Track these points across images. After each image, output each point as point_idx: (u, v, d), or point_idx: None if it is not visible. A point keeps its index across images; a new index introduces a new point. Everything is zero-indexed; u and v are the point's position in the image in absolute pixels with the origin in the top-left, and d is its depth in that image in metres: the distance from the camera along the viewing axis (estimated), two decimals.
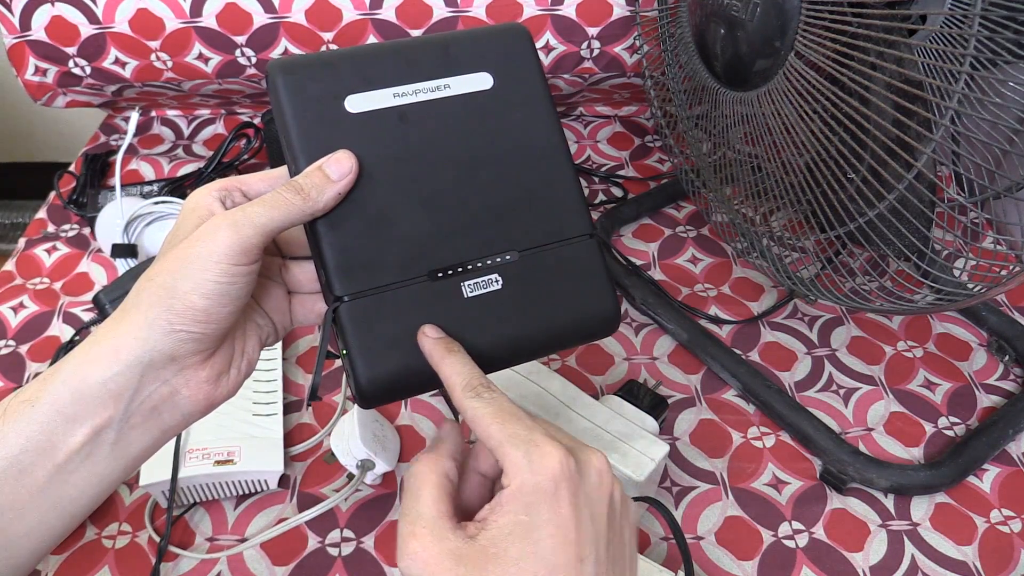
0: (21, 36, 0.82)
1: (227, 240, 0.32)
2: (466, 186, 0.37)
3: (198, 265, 0.32)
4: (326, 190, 0.34)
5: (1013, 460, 0.60)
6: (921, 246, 0.53)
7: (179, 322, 0.32)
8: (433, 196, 0.37)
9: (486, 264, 0.37)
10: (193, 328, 0.33)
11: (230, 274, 0.33)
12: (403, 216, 0.36)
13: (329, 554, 0.53)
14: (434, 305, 0.36)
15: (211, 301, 0.32)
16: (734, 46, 0.60)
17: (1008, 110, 0.48)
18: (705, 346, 0.66)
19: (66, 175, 0.85)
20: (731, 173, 0.68)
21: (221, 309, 0.33)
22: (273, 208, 0.33)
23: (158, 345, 0.32)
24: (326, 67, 0.36)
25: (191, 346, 0.33)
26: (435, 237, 0.36)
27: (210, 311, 0.33)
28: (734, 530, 0.55)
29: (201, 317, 0.33)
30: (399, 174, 0.36)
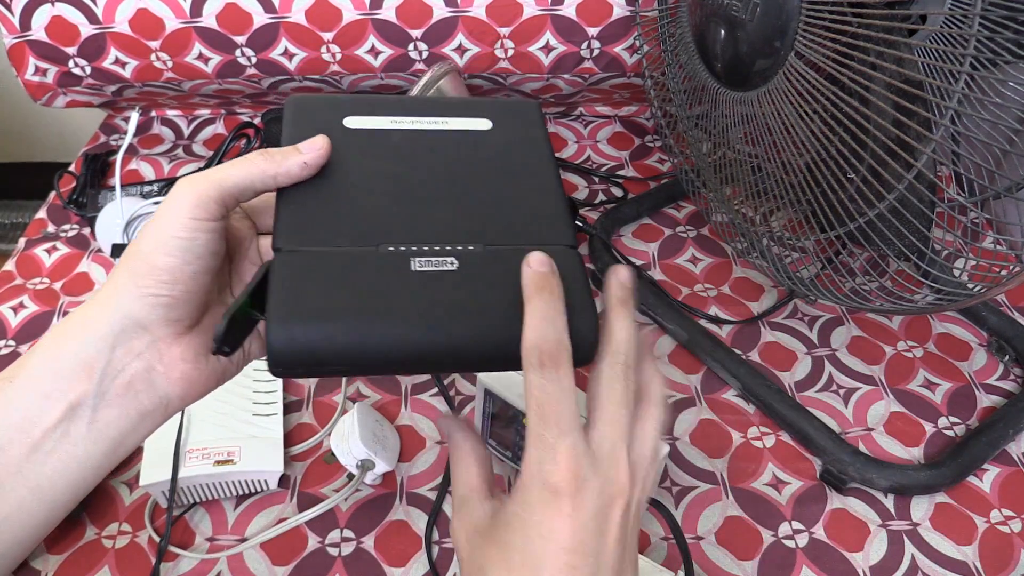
0: (21, 36, 0.82)
1: (183, 195, 0.33)
2: (445, 191, 0.36)
3: (158, 224, 0.33)
4: (291, 157, 0.34)
5: (1013, 460, 0.60)
6: (921, 246, 0.53)
7: (144, 283, 0.33)
8: (408, 192, 0.36)
9: (443, 248, 0.34)
10: (159, 290, 0.33)
11: (189, 228, 0.33)
12: (371, 199, 0.35)
13: (329, 554, 0.53)
14: (376, 274, 0.32)
15: (173, 258, 0.33)
16: (734, 46, 0.60)
17: (1008, 110, 0.48)
18: (705, 346, 0.66)
19: (66, 175, 0.85)
20: (731, 173, 0.68)
21: (184, 267, 0.33)
22: (233, 167, 0.34)
23: (125, 309, 0.33)
24: (334, 100, 0.40)
25: (160, 311, 0.33)
26: (398, 219, 0.35)
27: (173, 270, 0.33)
28: (734, 530, 0.55)
29: (165, 277, 0.33)
30: (379, 171, 0.37)
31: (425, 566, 0.53)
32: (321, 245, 0.33)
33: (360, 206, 0.35)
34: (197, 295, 0.34)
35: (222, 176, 0.34)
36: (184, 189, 0.33)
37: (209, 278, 0.35)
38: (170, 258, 0.33)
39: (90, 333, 0.33)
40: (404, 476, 0.58)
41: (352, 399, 0.64)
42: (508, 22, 0.82)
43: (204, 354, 0.35)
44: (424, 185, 0.36)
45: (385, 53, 0.84)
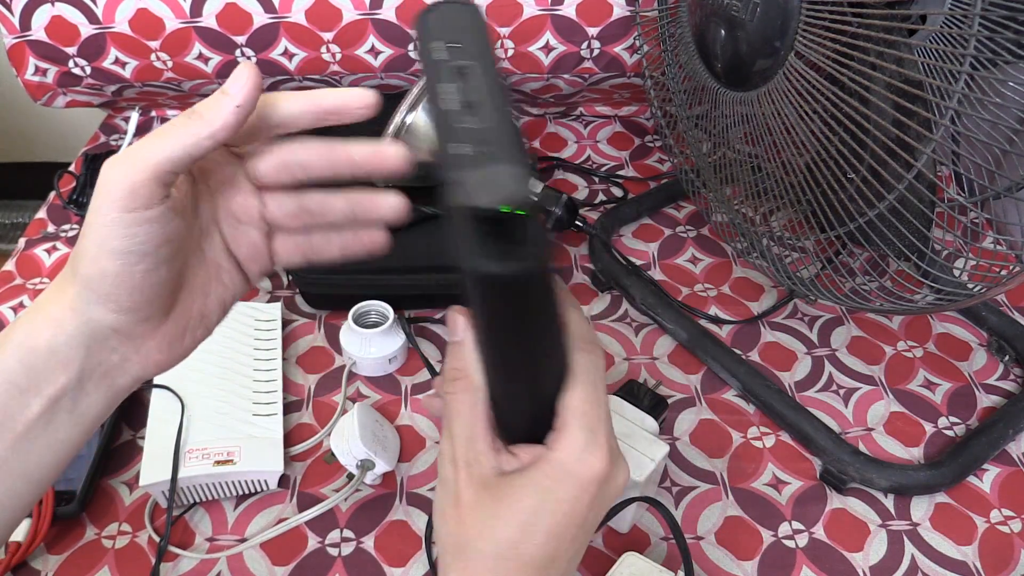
0: (21, 36, 0.82)
1: (110, 186, 0.29)
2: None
3: (90, 224, 0.29)
4: (220, 105, 0.30)
5: (1013, 460, 0.60)
6: (921, 246, 0.53)
7: (99, 289, 0.30)
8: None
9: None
10: (118, 297, 0.30)
11: (123, 225, 0.29)
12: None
13: (329, 554, 0.53)
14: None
15: (117, 263, 0.29)
16: (734, 46, 0.60)
17: (1008, 110, 0.48)
18: (705, 346, 0.66)
19: (66, 175, 0.85)
20: (731, 173, 0.68)
21: (132, 269, 0.30)
22: (162, 138, 0.29)
23: (95, 317, 0.31)
24: None
25: (126, 316, 0.31)
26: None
27: (121, 275, 0.30)
28: (734, 530, 0.55)
29: (117, 283, 0.30)
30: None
31: (425, 566, 0.53)
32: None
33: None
34: (161, 288, 0.32)
35: (150, 152, 0.29)
36: (109, 177, 0.29)
37: (168, 266, 0.31)
38: (113, 263, 0.29)
39: (63, 333, 0.31)
40: (404, 476, 0.58)
41: (352, 399, 0.64)
42: (508, 22, 0.82)
43: (180, 337, 0.33)
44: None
45: (385, 53, 0.84)
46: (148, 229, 0.29)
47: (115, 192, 0.29)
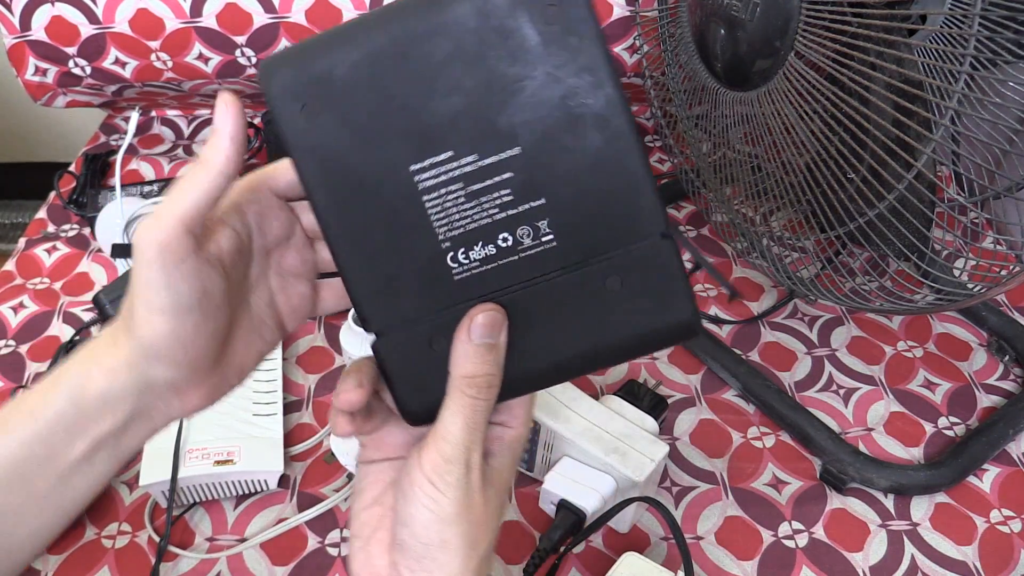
0: (21, 36, 0.82)
1: (147, 243, 0.30)
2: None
3: (137, 283, 0.31)
4: (216, 144, 0.31)
5: (1013, 460, 0.60)
6: (921, 246, 0.53)
7: (159, 352, 0.31)
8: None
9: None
10: (176, 355, 0.31)
11: (165, 280, 0.30)
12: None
13: (329, 554, 0.53)
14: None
15: (169, 318, 0.31)
16: (734, 46, 0.60)
17: (1008, 110, 0.48)
18: (705, 346, 0.66)
19: (66, 175, 0.85)
20: (731, 173, 0.68)
21: (183, 323, 0.31)
22: (181, 191, 0.31)
23: (151, 374, 0.32)
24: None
25: (183, 371, 0.32)
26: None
27: (174, 332, 0.31)
28: (734, 530, 0.55)
29: (170, 342, 0.31)
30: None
31: None
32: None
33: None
34: (212, 341, 0.33)
35: (174, 208, 0.30)
36: (142, 239, 0.30)
37: (216, 318, 0.32)
38: (163, 322, 0.31)
39: (115, 382, 0.32)
40: None
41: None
42: None
43: (219, 386, 0.35)
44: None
45: None
46: (188, 282, 0.31)
47: (149, 251, 0.30)
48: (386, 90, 0.30)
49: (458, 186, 0.31)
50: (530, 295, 0.32)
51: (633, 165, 0.30)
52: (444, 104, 0.30)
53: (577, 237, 0.31)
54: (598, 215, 0.31)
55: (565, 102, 0.30)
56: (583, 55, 0.29)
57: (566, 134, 0.30)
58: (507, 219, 0.31)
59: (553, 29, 0.29)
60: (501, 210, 0.31)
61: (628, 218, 0.31)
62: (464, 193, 0.31)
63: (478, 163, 0.30)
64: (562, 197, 0.31)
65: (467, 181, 0.31)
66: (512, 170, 0.30)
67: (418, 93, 0.30)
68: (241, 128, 0.31)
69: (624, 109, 0.30)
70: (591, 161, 0.30)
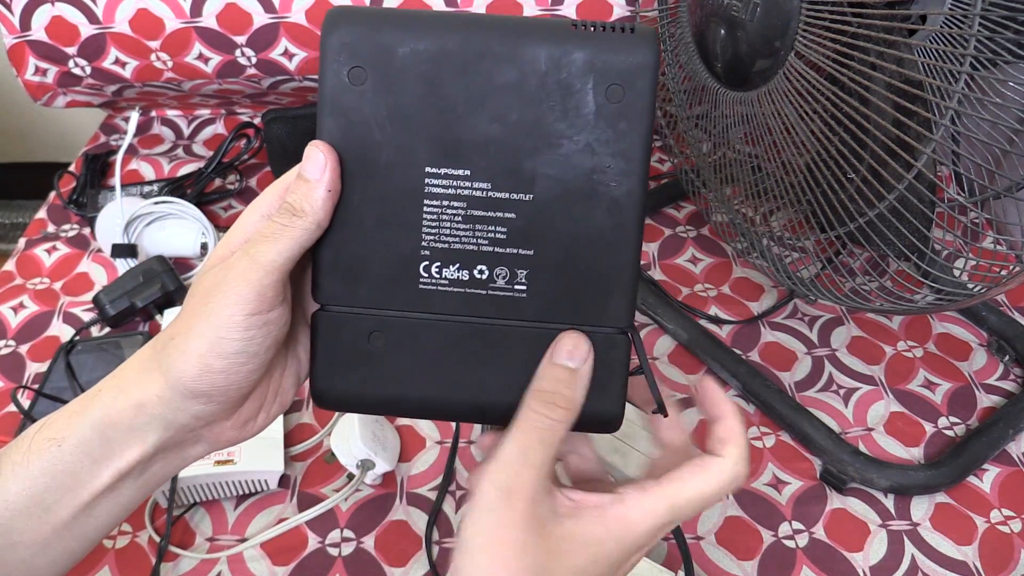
0: (21, 36, 0.82)
1: (243, 285, 0.30)
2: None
3: (210, 321, 0.30)
4: (313, 193, 0.30)
5: (1013, 460, 0.60)
6: (921, 246, 0.53)
7: (196, 387, 0.30)
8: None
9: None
10: (214, 394, 0.31)
11: (246, 326, 0.30)
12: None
13: (329, 554, 0.53)
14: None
15: (229, 361, 0.30)
16: (734, 46, 0.60)
17: (1008, 110, 0.48)
18: (705, 346, 0.66)
19: (66, 175, 0.85)
20: (731, 173, 0.68)
21: (240, 368, 0.31)
22: (277, 240, 0.30)
23: (181, 407, 0.31)
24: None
25: (214, 407, 0.32)
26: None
27: (229, 373, 0.30)
28: (734, 530, 0.55)
29: (220, 381, 0.31)
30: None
31: (425, 566, 0.53)
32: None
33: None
34: (253, 385, 0.32)
35: (274, 255, 0.30)
36: (236, 280, 0.30)
37: (267, 366, 0.32)
38: (222, 363, 0.30)
39: (144, 415, 0.31)
40: (404, 476, 0.58)
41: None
42: None
43: (254, 416, 0.34)
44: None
45: None
46: (266, 331, 0.31)
47: (245, 294, 0.30)
48: (437, 88, 0.31)
49: (461, 204, 0.31)
50: (481, 331, 0.32)
51: (626, 258, 0.32)
52: (483, 126, 0.31)
53: (547, 298, 0.32)
54: (575, 287, 0.32)
55: (592, 175, 0.31)
56: (626, 142, 0.31)
57: (580, 204, 0.31)
58: (492, 255, 0.32)
59: (611, 107, 0.31)
60: (490, 244, 0.32)
61: (600, 303, 0.32)
62: (464, 214, 0.32)
63: (488, 193, 0.31)
64: (550, 256, 0.32)
65: (471, 204, 0.31)
66: (516, 212, 0.31)
67: (465, 105, 0.31)
68: (338, 181, 0.31)
69: (640, 205, 0.31)
70: (591, 237, 0.32)
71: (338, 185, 0.31)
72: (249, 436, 0.34)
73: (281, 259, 0.30)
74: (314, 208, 0.30)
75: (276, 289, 0.30)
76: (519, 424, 0.31)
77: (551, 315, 0.32)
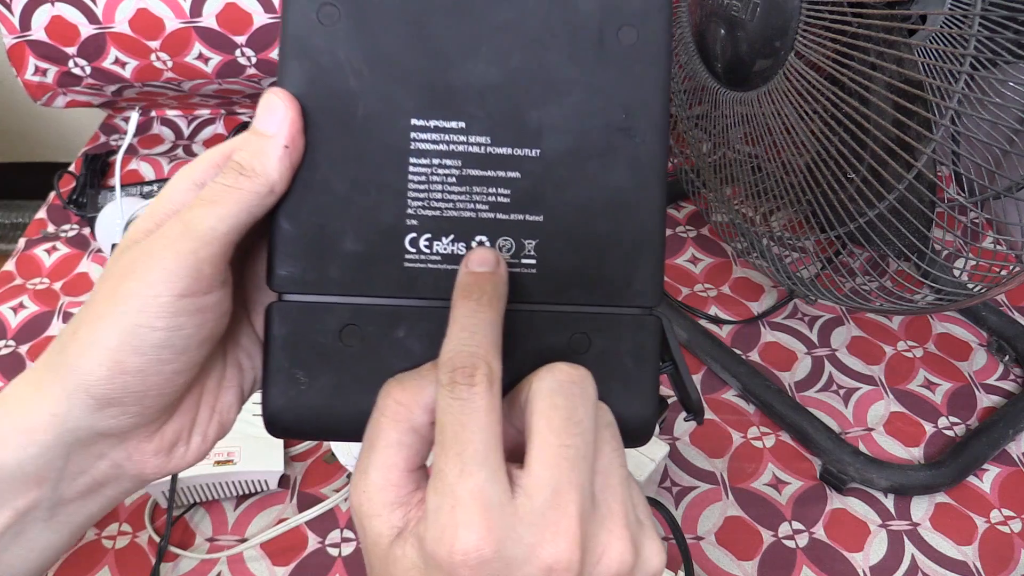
0: (21, 36, 0.82)
1: (172, 261, 0.23)
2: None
3: (130, 306, 0.23)
4: (266, 151, 0.24)
5: (1013, 460, 0.60)
6: (921, 246, 0.53)
7: (104, 394, 0.24)
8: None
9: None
10: (127, 401, 0.24)
11: (173, 311, 0.23)
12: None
13: (329, 554, 0.53)
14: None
15: (148, 358, 0.24)
16: (734, 46, 0.60)
17: (1008, 110, 0.48)
18: (705, 346, 0.66)
19: (66, 175, 0.85)
20: (731, 173, 0.68)
21: (162, 367, 0.24)
22: (217, 204, 0.24)
23: (82, 423, 0.25)
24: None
25: (127, 421, 0.25)
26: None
27: (147, 373, 0.24)
28: (734, 530, 0.55)
29: (135, 384, 0.24)
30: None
31: None
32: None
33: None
34: (178, 391, 0.26)
35: (214, 222, 0.24)
36: (163, 255, 0.23)
37: (198, 368, 0.26)
38: (138, 361, 0.24)
39: (34, 444, 0.25)
40: None
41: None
42: None
43: (185, 439, 0.27)
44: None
45: None
46: (199, 320, 0.24)
47: (174, 269, 0.23)
48: (424, 28, 0.26)
49: (455, 163, 0.26)
50: None
51: (651, 223, 0.27)
52: (479, 70, 0.26)
53: (561, 273, 0.27)
54: (593, 260, 0.27)
55: (607, 127, 0.26)
56: (643, 89, 0.26)
57: (595, 160, 0.26)
58: (493, 222, 0.26)
59: (624, 49, 0.26)
60: (491, 209, 0.26)
61: (624, 278, 0.27)
62: (458, 174, 0.26)
63: (488, 148, 0.26)
64: (563, 223, 0.26)
65: (467, 162, 0.26)
66: (522, 172, 0.26)
67: (457, 47, 0.26)
68: (299, 137, 0.25)
69: (663, 161, 0.27)
70: (610, 199, 0.26)
71: (299, 141, 0.25)
72: (182, 466, 0.27)
73: (223, 227, 0.24)
74: (266, 168, 0.24)
75: (215, 265, 0.24)
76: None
77: (566, 295, 0.27)
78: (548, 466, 0.22)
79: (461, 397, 0.22)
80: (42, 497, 0.26)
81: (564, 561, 0.22)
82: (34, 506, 0.26)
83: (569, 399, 0.23)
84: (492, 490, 0.22)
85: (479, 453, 0.22)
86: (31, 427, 0.25)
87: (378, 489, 0.23)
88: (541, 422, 0.23)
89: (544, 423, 0.23)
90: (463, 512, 0.21)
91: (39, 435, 0.25)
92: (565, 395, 0.23)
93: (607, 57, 0.26)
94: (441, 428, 0.22)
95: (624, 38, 0.26)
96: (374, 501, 0.24)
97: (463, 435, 0.22)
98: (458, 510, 0.21)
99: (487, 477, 0.22)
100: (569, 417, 0.23)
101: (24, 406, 0.25)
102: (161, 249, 0.24)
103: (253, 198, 0.24)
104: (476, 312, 0.24)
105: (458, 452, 0.22)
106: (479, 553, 0.21)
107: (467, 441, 0.22)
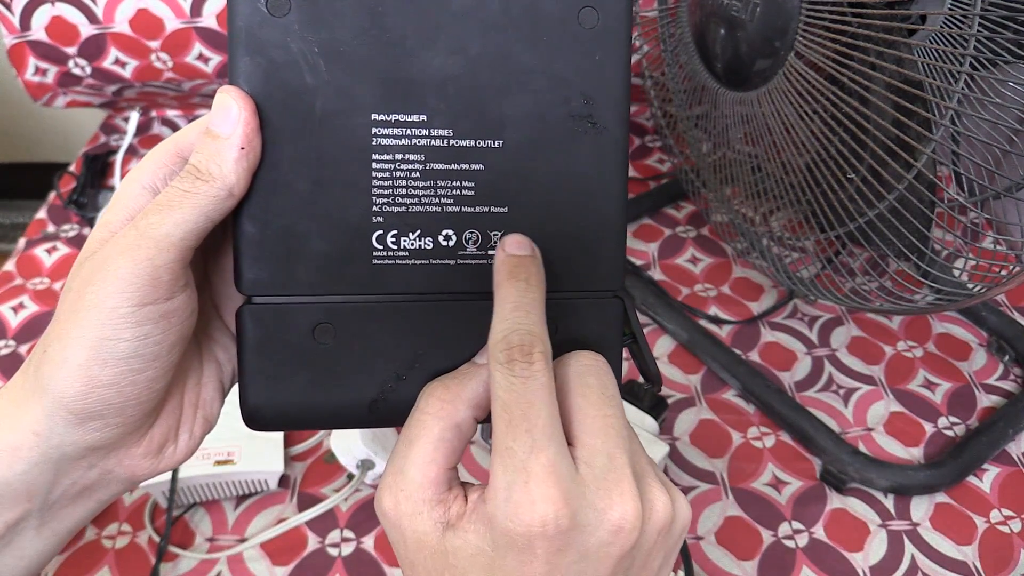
0: (21, 36, 0.82)
1: (128, 270, 0.23)
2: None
3: (93, 320, 0.23)
4: (222, 153, 0.24)
5: (1013, 460, 0.60)
6: (921, 246, 0.53)
7: (83, 408, 0.24)
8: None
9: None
10: (108, 414, 0.24)
11: (137, 321, 0.23)
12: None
13: (329, 554, 0.53)
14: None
15: (119, 370, 0.24)
16: (734, 46, 0.60)
17: (1008, 110, 0.48)
18: (705, 346, 0.66)
19: (66, 175, 0.85)
20: (731, 173, 0.68)
21: (136, 377, 0.24)
22: (175, 209, 0.24)
23: (66, 439, 0.25)
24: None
25: (112, 433, 0.25)
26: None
27: (122, 385, 0.24)
28: (734, 530, 0.55)
29: (112, 397, 0.24)
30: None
31: None
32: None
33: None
34: (158, 396, 0.26)
35: (170, 229, 0.23)
36: (120, 265, 0.23)
37: (173, 370, 0.26)
38: (110, 373, 0.24)
39: (21, 461, 0.25)
40: None
41: None
42: None
43: (172, 438, 0.28)
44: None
45: None
46: (165, 326, 0.24)
47: (132, 278, 0.23)
48: (381, 17, 0.25)
49: (417, 157, 0.26)
50: (453, 311, 0.27)
51: (612, 209, 0.27)
52: (438, 60, 0.26)
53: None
54: (557, 248, 0.27)
55: (569, 114, 0.27)
56: (604, 74, 0.26)
57: (557, 148, 0.27)
58: (459, 215, 0.27)
59: (585, 33, 0.26)
60: (456, 203, 0.27)
61: (588, 263, 0.28)
62: (422, 168, 0.26)
63: (450, 141, 0.26)
64: (527, 213, 0.27)
65: (430, 156, 0.26)
66: (485, 163, 0.26)
67: (415, 36, 0.25)
68: (256, 139, 0.25)
69: (623, 147, 0.27)
70: (572, 188, 0.27)
71: (256, 141, 0.24)
72: (173, 464, 0.28)
73: (180, 232, 0.24)
74: (224, 171, 0.24)
75: (174, 271, 0.24)
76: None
77: None
78: (597, 435, 0.24)
79: (523, 375, 0.23)
80: (32, 509, 0.26)
81: (631, 519, 0.23)
82: (24, 518, 0.26)
83: (598, 377, 0.26)
84: (562, 463, 0.23)
85: (548, 428, 0.23)
86: (16, 446, 0.25)
87: (417, 486, 0.25)
88: (579, 400, 0.25)
89: (582, 400, 0.25)
90: (538, 486, 0.22)
91: (24, 453, 0.25)
92: (593, 374, 0.26)
93: (567, 41, 0.26)
94: (505, 407, 0.23)
95: (585, 20, 0.26)
96: (414, 499, 0.25)
97: (531, 412, 0.23)
98: (532, 484, 0.22)
99: (556, 451, 0.23)
100: (603, 392, 0.25)
101: (6, 424, 0.25)
102: (117, 258, 0.23)
103: (211, 202, 0.24)
104: (527, 292, 0.25)
105: (527, 429, 0.23)
106: (558, 524, 0.22)
107: (535, 417, 0.23)
